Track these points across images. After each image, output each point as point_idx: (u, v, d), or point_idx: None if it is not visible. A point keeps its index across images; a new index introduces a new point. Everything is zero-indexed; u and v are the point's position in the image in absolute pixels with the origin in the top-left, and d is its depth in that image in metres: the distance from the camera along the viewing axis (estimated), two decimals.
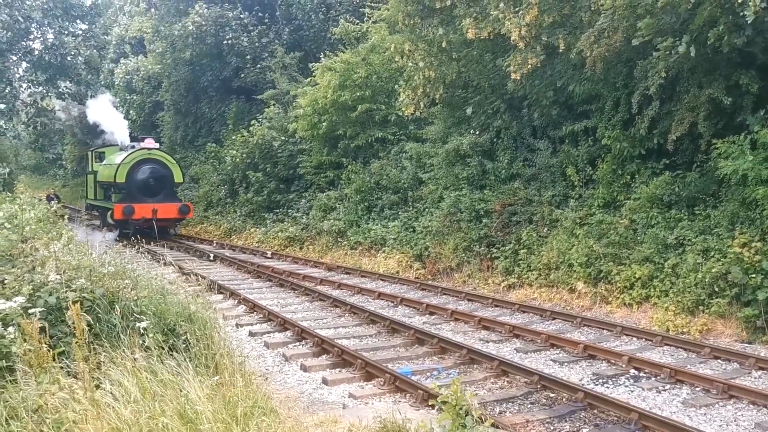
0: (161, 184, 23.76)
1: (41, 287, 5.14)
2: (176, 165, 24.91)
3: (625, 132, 13.03)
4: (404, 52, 16.28)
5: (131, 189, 23.40)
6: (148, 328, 5.08)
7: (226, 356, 6.11)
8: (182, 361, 5.16)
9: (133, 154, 24.02)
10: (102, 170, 26.31)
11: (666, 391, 7.83)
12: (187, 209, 23.77)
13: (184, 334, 5.88)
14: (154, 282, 6.58)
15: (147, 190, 23.46)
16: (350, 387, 8.04)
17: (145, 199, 23.06)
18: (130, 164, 23.53)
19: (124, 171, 23.38)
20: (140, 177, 23.47)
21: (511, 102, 15.84)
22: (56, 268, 5.38)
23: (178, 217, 23.63)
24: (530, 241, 13.92)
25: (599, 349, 9.24)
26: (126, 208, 22.19)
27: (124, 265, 6.26)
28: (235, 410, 4.47)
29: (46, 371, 4.16)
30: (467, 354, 8.97)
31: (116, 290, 5.52)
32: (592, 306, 12.05)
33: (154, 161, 24.04)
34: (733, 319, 10.17)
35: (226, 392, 4.73)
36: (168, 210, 23.13)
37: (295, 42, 28.45)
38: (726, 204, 11.28)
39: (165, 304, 6.29)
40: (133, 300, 5.53)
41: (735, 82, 10.77)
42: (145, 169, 23.63)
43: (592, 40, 12.01)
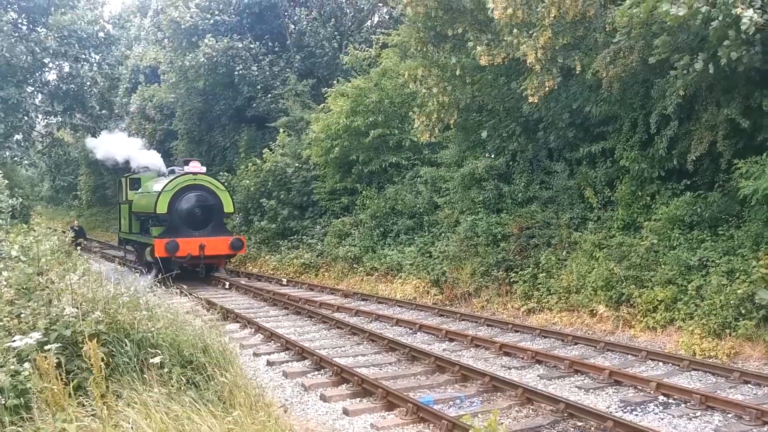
0: (209, 214, 20.16)
1: (57, 321, 5.04)
2: (226, 192, 20.94)
3: (643, 153, 12.88)
4: (417, 78, 16.26)
5: (174, 221, 19.74)
6: (164, 362, 4.95)
7: (243, 388, 5.97)
8: (199, 397, 5.02)
9: (176, 180, 20.18)
10: (138, 199, 22.61)
11: (697, 419, 7.59)
12: (240, 244, 20.16)
13: (202, 367, 5.74)
14: (169, 312, 6.46)
15: (193, 221, 19.91)
16: (371, 417, 7.86)
17: (190, 233, 19.63)
18: (173, 192, 19.76)
19: (165, 200, 19.66)
20: (185, 207, 19.82)
21: (526, 125, 15.74)
22: (72, 301, 5.28)
23: (229, 252, 20.24)
24: (549, 264, 13.73)
25: (625, 375, 9.00)
26: (169, 243, 18.60)
27: (140, 296, 6.15)
28: None
29: (62, 409, 4.03)
30: (490, 381, 8.77)
31: (132, 322, 5.41)
32: (615, 330, 11.82)
33: (200, 188, 20.27)
34: (761, 342, 9.91)
35: (246, 428, 4.58)
36: (217, 245, 19.74)
37: (307, 69, 28.58)
38: (749, 224, 11.08)
39: (181, 335, 6.16)
40: (149, 332, 5.42)
41: (756, 103, 10.60)
42: (190, 197, 19.94)
43: (608, 60, 11.95)
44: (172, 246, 18.63)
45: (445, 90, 15.76)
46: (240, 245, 20.11)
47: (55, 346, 4.49)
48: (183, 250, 18.80)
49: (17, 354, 4.43)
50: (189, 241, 19.12)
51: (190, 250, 18.94)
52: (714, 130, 11.14)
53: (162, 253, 18.27)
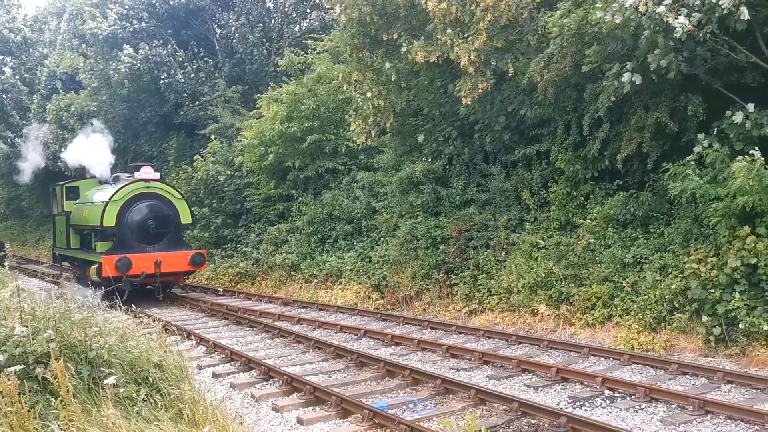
0: (164, 226, 17.81)
1: (6, 341, 4.77)
2: (183, 201, 18.54)
3: (577, 154, 13.25)
4: (352, 81, 16.26)
5: (124, 235, 17.35)
6: (119, 382, 4.77)
7: (201, 403, 5.82)
8: (158, 415, 4.86)
9: (125, 188, 17.70)
10: (78, 211, 19.78)
11: (643, 410, 7.85)
12: (202, 259, 17.91)
13: (157, 383, 5.57)
14: (117, 328, 6.23)
15: (146, 235, 17.55)
16: (326, 426, 7.80)
17: (143, 248, 17.37)
18: (122, 202, 17.39)
19: (113, 211, 17.25)
20: (136, 218, 17.47)
21: (462, 128, 15.96)
22: (21, 319, 5.01)
23: (188, 269, 17.93)
24: (488, 265, 13.95)
25: (572, 372, 9.24)
26: (121, 261, 16.25)
27: (89, 313, 5.89)
28: None
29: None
30: (441, 384, 8.83)
31: (84, 339, 5.19)
32: (556, 328, 12.11)
33: (154, 197, 17.92)
34: (695, 334, 10.35)
35: None
36: (175, 261, 17.40)
37: (236, 75, 28.15)
38: (679, 222, 11.54)
39: (132, 351, 5.96)
40: (102, 349, 5.20)
41: (683, 106, 11.07)
42: (141, 207, 17.60)
43: (542, 65, 12.24)
44: (125, 264, 16.32)
45: (380, 94, 15.83)
46: (202, 260, 17.91)
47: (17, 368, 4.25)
48: (136, 267, 16.54)
49: None
50: (143, 257, 16.90)
51: (144, 267, 16.68)
52: (642, 132, 11.56)
53: (112, 272, 15.82)
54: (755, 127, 9.83)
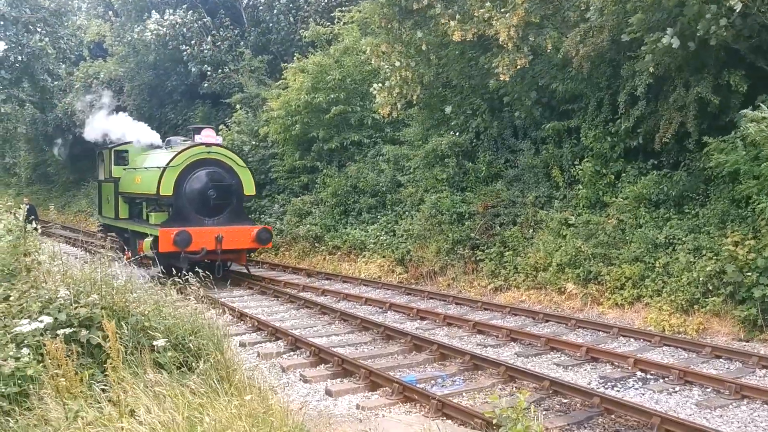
0: (226, 197, 15.69)
1: (50, 304, 4.75)
2: (247, 169, 16.45)
3: (608, 132, 13.02)
4: (380, 54, 16.05)
5: (182, 205, 15.33)
6: (163, 347, 4.73)
7: (238, 371, 5.80)
8: (201, 381, 4.83)
9: (185, 153, 15.56)
10: (128, 177, 17.76)
11: (677, 393, 7.74)
12: (268, 235, 15.76)
13: (196, 349, 5.54)
14: (151, 296, 6.20)
15: (205, 206, 15.47)
16: (355, 398, 7.77)
17: (202, 221, 15.36)
18: (181, 168, 15.32)
19: (171, 178, 15.20)
20: (196, 187, 15.38)
21: (491, 102, 15.73)
22: (63, 283, 4.99)
23: (252, 246, 15.79)
24: (515, 242, 13.80)
25: (602, 352, 9.13)
26: (180, 235, 14.28)
27: (130, 278, 5.88)
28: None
29: (74, 396, 3.79)
30: (470, 360, 8.77)
31: (125, 305, 5.16)
32: (583, 307, 11.98)
33: (215, 163, 15.79)
34: (729, 317, 10.18)
35: (255, 412, 4.42)
36: (238, 236, 15.30)
37: (262, 45, 27.95)
38: (715, 203, 11.32)
39: (167, 318, 5.93)
40: (142, 315, 5.17)
41: (725, 81, 10.79)
42: (201, 175, 15.46)
43: (578, 39, 11.98)
44: (184, 238, 14.29)
45: (409, 66, 15.62)
46: (268, 237, 15.69)
47: (67, 331, 4.22)
48: (196, 243, 14.47)
49: (14, 339, 4.15)
50: (203, 231, 14.81)
51: (204, 243, 14.61)
52: (683, 111, 11.29)
53: (169, 246, 14.27)
54: None
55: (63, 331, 4.26)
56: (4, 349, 3.98)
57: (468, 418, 6.58)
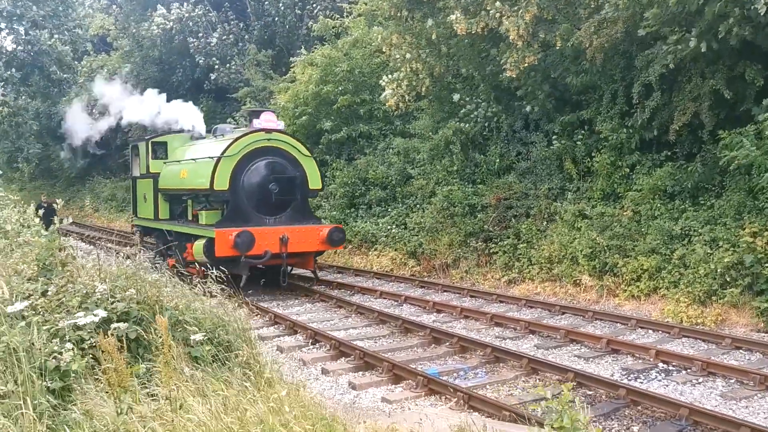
0: (289, 191, 13.51)
1: (87, 298, 4.75)
2: (311, 159, 14.14)
3: (623, 123, 12.99)
4: (391, 44, 16.01)
5: (239, 202, 13.12)
6: (199, 341, 4.74)
7: (267, 365, 5.81)
8: (238, 375, 4.84)
9: (241, 141, 13.23)
10: (170, 171, 15.44)
11: (701, 384, 7.73)
12: (341, 236, 13.56)
13: (226, 343, 5.55)
14: (182, 291, 6.22)
15: (266, 203, 13.30)
16: (379, 391, 7.77)
17: (262, 219, 13.23)
18: (237, 158, 13.07)
19: (227, 170, 12.97)
20: (255, 180, 13.21)
21: (503, 94, 15.70)
22: (99, 278, 4.99)
23: (321, 248, 13.68)
24: (529, 234, 13.80)
25: (623, 343, 9.12)
26: (242, 236, 12.09)
27: (162, 272, 5.88)
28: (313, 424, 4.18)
29: (126, 391, 3.80)
30: (492, 352, 8.76)
31: (158, 299, 5.16)
32: (599, 299, 11.97)
33: (275, 153, 13.50)
34: (747, 309, 10.17)
35: (292, 407, 4.43)
36: (306, 237, 13.11)
37: (266, 39, 27.94)
38: (731, 194, 11.30)
39: (196, 312, 5.94)
40: (176, 309, 5.18)
41: (740, 74, 10.76)
42: (260, 166, 13.26)
43: (592, 30, 11.93)
44: (246, 240, 12.09)
45: (419, 57, 15.59)
46: (341, 238, 13.51)
47: (123, 326, 4.23)
48: (259, 245, 12.29)
49: (55, 333, 4.15)
50: (265, 231, 12.67)
51: (267, 245, 12.44)
52: (698, 101, 11.27)
53: (226, 250, 12.08)
54: None
55: (115, 325, 4.26)
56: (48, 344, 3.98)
57: (496, 411, 6.58)
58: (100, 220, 33.69)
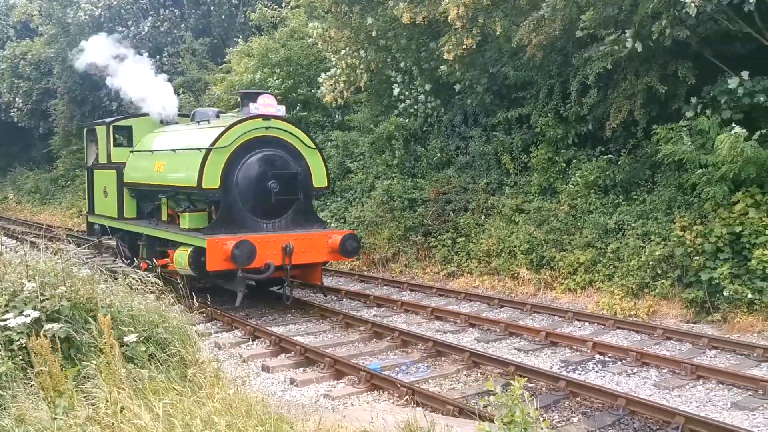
0: (291, 190, 11.32)
1: (15, 297, 4.48)
2: (316, 151, 11.94)
3: (559, 119, 13.22)
4: (328, 39, 15.87)
5: (232, 203, 10.91)
6: (138, 342, 4.54)
7: (208, 364, 5.64)
8: (178, 375, 4.67)
9: (235, 129, 10.95)
10: (140, 163, 13.11)
11: (636, 375, 7.94)
12: (356, 244, 11.33)
13: (163, 342, 5.36)
14: (116, 285, 5.97)
15: (264, 204, 11.09)
16: (321, 387, 7.69)
17: (259, 224, 11.10)
18: (231, 150, 10.84)
19: (218, 165, 10.75)
20: (251, 177, 10.99)
21: (442, 88, 15.76)
22: (27, 275, 4.71)
23: (330, 258, 11.59)
24: (468, 228, 13.91)
25: (561, 336, 9.28)
26: (242, 246, 9.94)
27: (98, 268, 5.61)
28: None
29: (61, 394, 3.58)
30: (433, 346, 8.78)
31: (92, 297, 4.92)
32: (537, 292, 12.17)
33: (275, 143, 11.29)
34: (677, 300, 10.50)
35: (236, 408, 4.30)
36: (313, 245, 10.96)
37: (202, 28, 27.29)
38: (662, 189, 11.64)
39: (133, 310, 5.71)
40: (111, 307, 4.95)
41: (673, 71, 11.08)
42: (257, 160, 11.03)
43: (530, 28, 12.08)
44: (247, 251, 9.96)
45: (356, 53, 15.51)
46: (356, 247, 11.33)
47: (56, 326, 3.98)
48: (260, 257, 10.17)
49: None
50: (265, 239, 10.50)
51: (269, 256, 10.34)
52: (632, 99, 11.55)
53: (220, 263, 10.02)
54: (747, 95, 9.88)
55: (48, 326, 4.02)
56: None
57: (440, 405, 6.58)
58: (23, 213, 32.31)
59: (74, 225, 25.13)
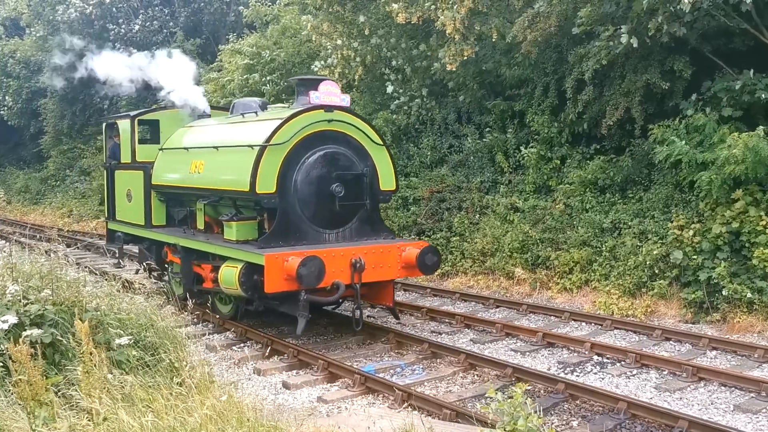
0: (357, 195, 9.48)
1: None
2: (383, 148, 10.08)
3: (555, 117, 13.09)
4: (322, 32, 15.71)
5: (291, 210, 9.19)
6: (122, 345, 4.36)
7: (198, 368, 5.47)
8: (166, 380, 4.49)
9: (294, 123, 9.17)
10: (171, 162, 11.32)
11: (635, 377, 7.80)
12: (436, 258, 9.47)
13: (152, 346, 5.18)
14: (105, 287, 5.78)
15: (326, 211, 9.35)
16: (315, 390, 7.51)
17: (320, 235, 9.37)
18: (289, 148, 9.14)
19: (274, 165, 9.04)
20: (313, 179, 9.23)
21: (435, 86, 15.60)
22: (11, 277, 4.52)
23: (404, 275, 9.67)
24: (462, 227, 13.75)
25: (558, 337, 9.14)
26: (309, 265, 8.19)
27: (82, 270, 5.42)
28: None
29: (41, 404, 3.40)
30: (428, 348, 8.62)
31: (78, 300, 4.74)
32: (532, 292, 12.02)
33: (338, 139, 9.51)
34: (675, 300, 10.37)
35: (228, 413, 4.13)
36: (385, 260, 9.18)
37: (192, 26, 27.03)
38: (659, 187, 11.51)
39: (120, 313, 5.53)
40: (97, 310, 4.76)
41: (670, 68, 10.96)
42: (318, 160, 9.28)
43: (525, 24, 11.94)
44: (316, 269, 8.23)
45: (351, 45, 15.36)
46: (436, 261, 9.47)
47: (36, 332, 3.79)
48: (329, 274, 8.44)
49: None
50: (333, 255, 8.69)
51: (337, 273, 8.62)
52: (629, 96, 11.41)
53: (281, 283, 8.33)
54: (747, 92, 9.77)
55: (28, 332, 3.83)
56: None
57: (437, 409, 6.43)
58: (13, 213, 31.96)
59: (65, 225, 24.86)
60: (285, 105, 11.56)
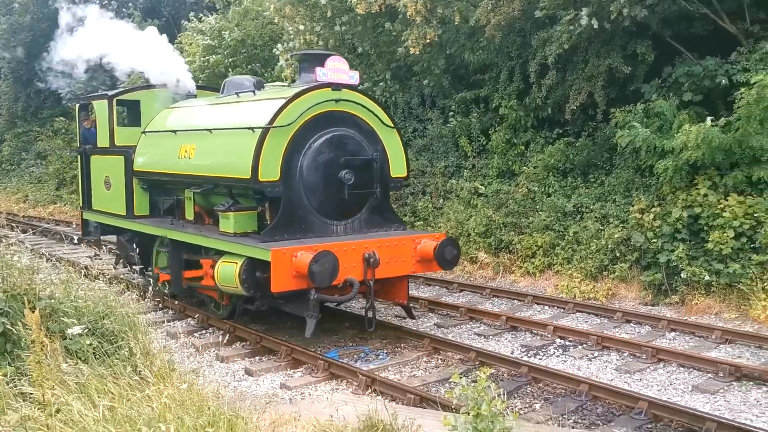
0: (367, 182, 8.79)
1: None
2: (394, 131, 9.35)
3: (520, 101, 13.12)
4: (284, 14, 15.48)
5: (295, 199, 8.34)
6: (78, 335, 4.24)
7: (158, 356, 5.36)
8: (122, 369, 4.38)
9: (300, 102, 8.27)
10: (156, 146, 10.47)
11: (596, 359, 7.89)
12: (456, 251, 8.72)
13: (110, 334, 5.05)
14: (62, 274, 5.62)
15: (335, 200, 8.56)
16: (278, 376, 7.45)
17: (328, 226, 8.63)
18: (294, 129, 8.24)
19: (278, 149, 8.16)
20: (320, 165, 8.43)
21: (399, 70, 15.50)
22: None
23: (419, 270, 8.93)
24: (426, 212, 13.76)
25: (522, 320, 9.20)
26: (322, 261, 7.36)
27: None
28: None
29: None
30: (393, 333, 8.60)
31: (31, 288, 4.59)
32: (496, 276, 12.08)
33: (346, 121, 8.72)
34: (635, 283, 10.51)
35: (188, 403, 4.04)
36: (399, 253, 8.44)
37: (151, 8, 26.47)
38: (620, 171, 11.63)
39: (77, 301, 5.38)
40: (51, 299, 4.62)
41: (632, 52, 11.04)
42: (326, 143, 8.46)
43: (489, 8, 11.90)
44: (329, 266, 7.48)
45: (313, 30, 15.17)
46: (455, 255, 8.73)
47: None
48: (343, 270, 7.71)
49: None
50: (344, 248, 7.93)
51: (349, 269, 7.89)
52: (592, 81, 11.48)
53: (290, 281, 7.54)
54: (708, 78, 9.89)
55: None
56: None
57: (401, 394, 6.41)
58: None
59: (20, 210, 24.27)
60: (284, 83, 10.87)
